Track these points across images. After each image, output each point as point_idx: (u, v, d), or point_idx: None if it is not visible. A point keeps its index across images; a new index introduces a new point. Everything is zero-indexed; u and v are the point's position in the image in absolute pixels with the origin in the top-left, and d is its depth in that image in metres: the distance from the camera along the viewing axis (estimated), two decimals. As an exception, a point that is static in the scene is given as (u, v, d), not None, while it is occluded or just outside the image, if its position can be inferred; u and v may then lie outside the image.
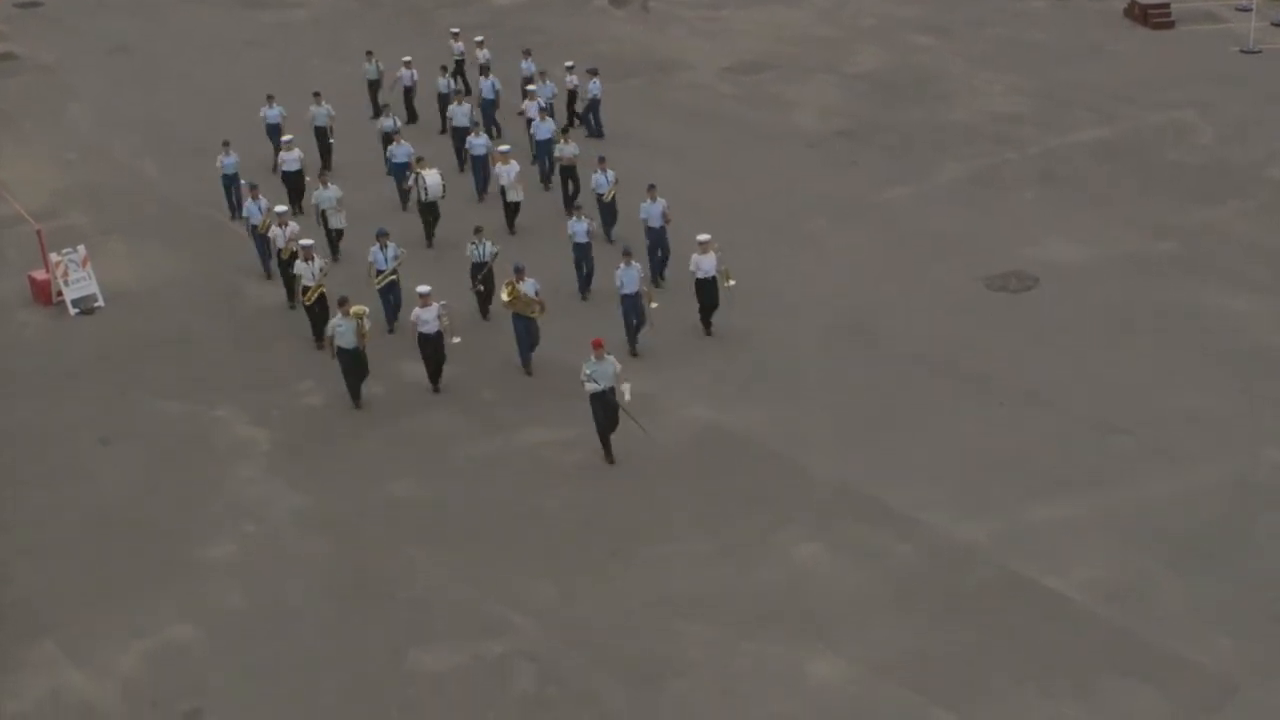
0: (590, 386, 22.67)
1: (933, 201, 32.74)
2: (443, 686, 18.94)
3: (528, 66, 38.28)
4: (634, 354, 26.06)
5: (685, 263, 26.90)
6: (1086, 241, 30.19)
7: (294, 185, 33.29)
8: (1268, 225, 30.45)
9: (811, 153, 36.03)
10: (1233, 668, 18.33)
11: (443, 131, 36.65)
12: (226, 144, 33.15)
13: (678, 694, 18.55)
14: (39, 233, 30.49)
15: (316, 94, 35.92)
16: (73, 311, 29.69)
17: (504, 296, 25.61)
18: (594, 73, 36.93)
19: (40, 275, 30.14)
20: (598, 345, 22.59)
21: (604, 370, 22.59)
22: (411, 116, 38.52)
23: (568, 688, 18.80)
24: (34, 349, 28.47)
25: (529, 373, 26.00)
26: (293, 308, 28.62)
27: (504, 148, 32.18)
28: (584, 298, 28.51)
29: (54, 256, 29.76)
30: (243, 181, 31.62)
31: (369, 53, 39.55)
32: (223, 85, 42.83)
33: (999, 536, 21.09)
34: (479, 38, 40.06)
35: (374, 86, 39.05)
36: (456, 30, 41.13)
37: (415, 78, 38.81)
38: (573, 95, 37.69)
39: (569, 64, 38.12)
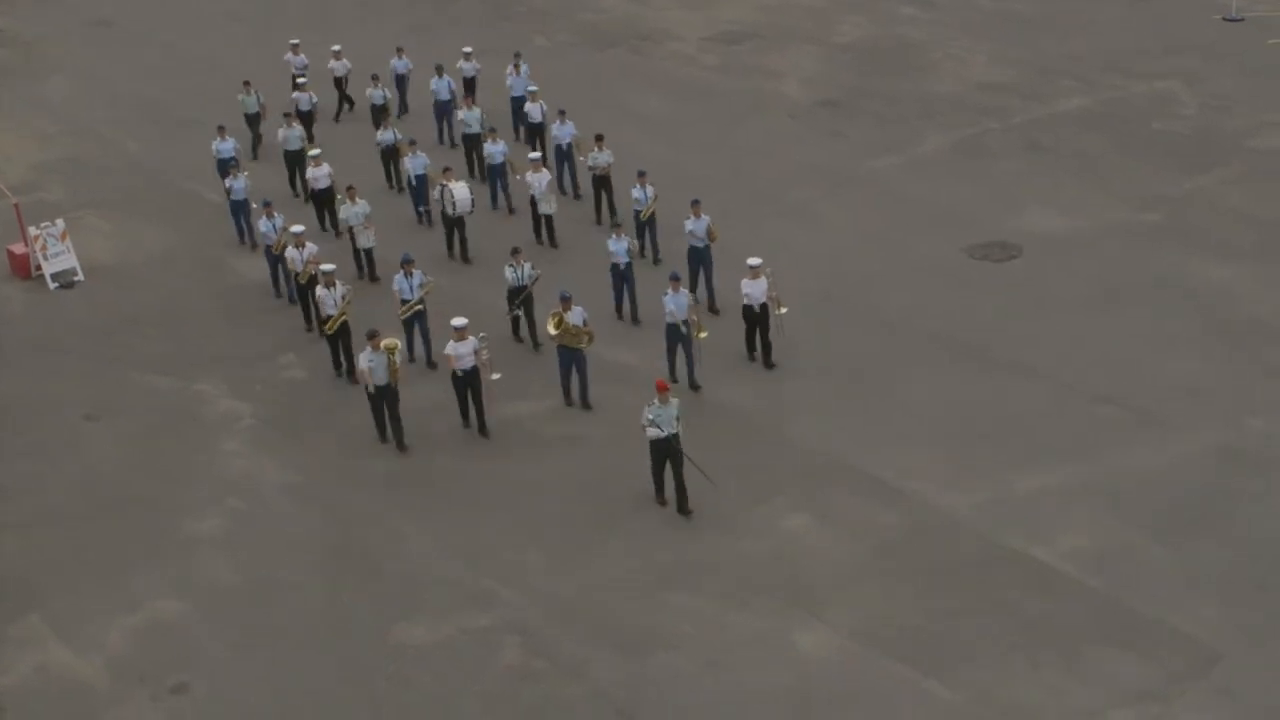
0: (652, 433, 20.68)
1: (917, 171, 32.70)
2: (430, 659, 18.94)
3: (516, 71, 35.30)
4: (695, 388, 24.12)
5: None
6: (1070, 211, 30.19)
7: (324, 204, 30.75)
8: (1252, 194, 30.48)
9: (795, 123, 35.95)
10: (1219, 636, 18.39)
11: (441, 141, 34.80)
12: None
13: (666, 665, 18.57)
14: (16, 206, 30.30)
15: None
16: (52, 286, 29.53)
17: (550, 329, 23.54)
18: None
19: (18, 249, 29.96)
20: (662, 388, 20.66)
21: (668, 415, 20.64)
22: (340, 110, 36.61)
23: (555, 660, 18.80)
24: (13, 323, 28.33)
25: (571, 404, 24.14)
26: (309, 330, 26.96)
27: (534, 155, 29.99)
28: (633, 319, 26.40)
29: (32, 230, 29.59)
30: (253, 204, 29.63)
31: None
32: (205, 58, 42.56)
33: (985, 506, 21.13)
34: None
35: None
36: (469, 50, 36.78)
37: (348, 67, 36.72)
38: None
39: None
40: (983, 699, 17.68)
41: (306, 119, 34.65)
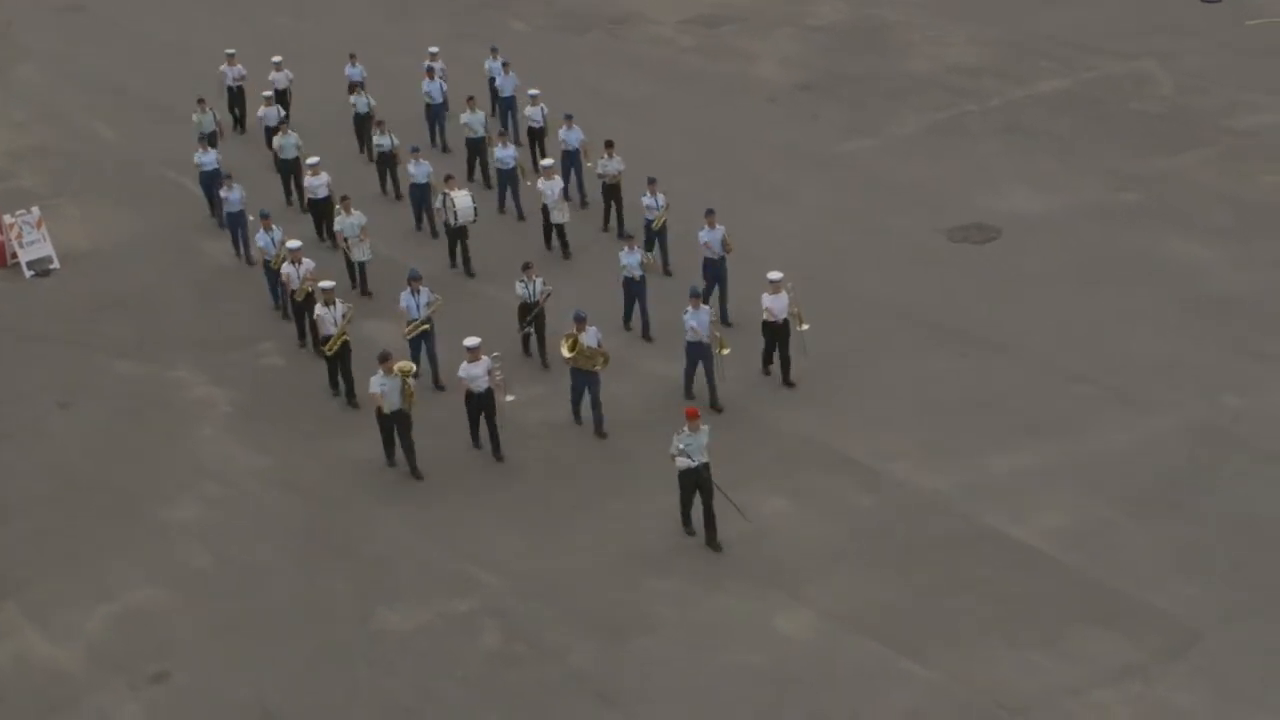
0: (682, 462, 19.69)
1: (894, 153, 32.67)
2: (410, 644, 18.89)
3: (494, 66, 34.28)
4: (718, 409, 23.04)
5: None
6: (1048, 192, 30.20)
7: (321, 213, 29.34)
8: (1229, 174, 30.52)
9: (772, 106, 35.88)
10: (1197, 613, 18.44)
11: (434, 144, 33.31)
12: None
13: (645, 648, 18.55)
14: (-9, 195, 30.16)
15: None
16: (28, 274, 29.36)
17: (564, 351, 22.43)
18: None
19: (-6, 238, 29.80)
20: (693, 416, 19.68)
21: (698, 443, 19.65)
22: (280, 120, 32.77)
23: (535, 644, 18.77)
24: (-10, 312, 28.20)
25: (581, 424, 23.20)
26: (303, 346, 25.88)
27: (547, 162, 28.71)
28: (644, 335, 25.42)
29: (7, 218, 29.43)
30: (250, 216, 28.25)
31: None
32: (177, 44, 42.31)
33: (963, 486, 21.14)
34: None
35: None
36: (435, 50, 34.69)
37: (290, 78, 34.64)
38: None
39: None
40: (962, 678, 17.69)
41: (281, 98, 34.00)
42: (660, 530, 20.64)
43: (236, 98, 35.06)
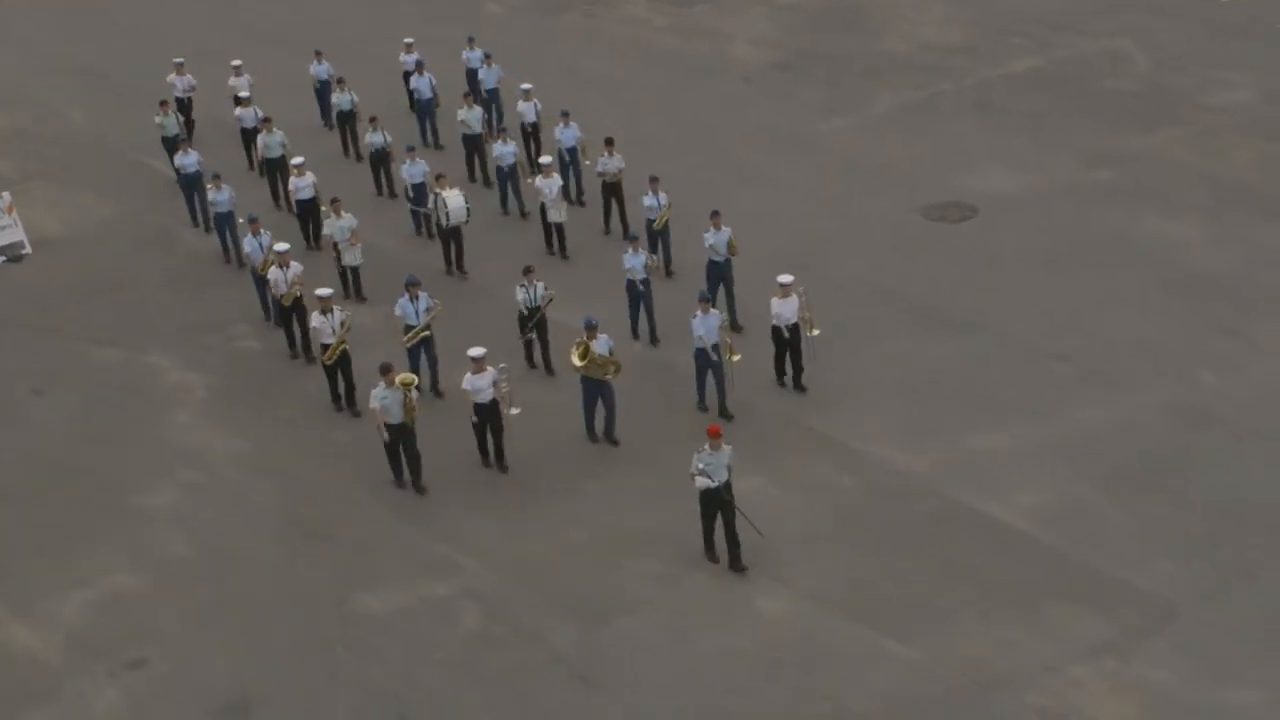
0: (701, 482, 18.82)
1: (869, 133, 32.65)
2: (389, 628, 18.87)
3: (473, 57, 33.42)
4: (728, 416, 22.35)
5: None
6: (1024, 171, 30.22)
7: (308, 216, 28.10)
8: (1204, 152, 30.58)
9: (748, 86, 35.81)
10: (1173, 590, 18.54)
11: (426, 143, 31.93)
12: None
13: (626, 630, 18.57)
14: (-38, 180, 29.93)
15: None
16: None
17: (575, 360, 21.49)
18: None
19: (-34, 224, 29.55)
20: (714, 434, 18.80)
21: (719, 462, 18.85)
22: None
23: (515, 627, 18.77)
24: (-38, 298, 28.01)
25: (596, 440, 22.32)
26: (294, 356, 24.91)
27: (545, 159, 27.67)
28: (651, 339, 24.64)
29: (-21, 203, 29.21)
30: (240, 218, 26.98)
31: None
32: (146, 26, 41.99)
33: (940, 466, 21.19)
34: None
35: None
36: (410, 41, 33.82)
37: (251, 82, 32.55)
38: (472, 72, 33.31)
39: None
40: (941, 657, 17.76)
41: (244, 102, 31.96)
42: (639, 512, 20.64)
43: (186, 109, 32.91)
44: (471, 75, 33.26)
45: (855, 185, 30.06)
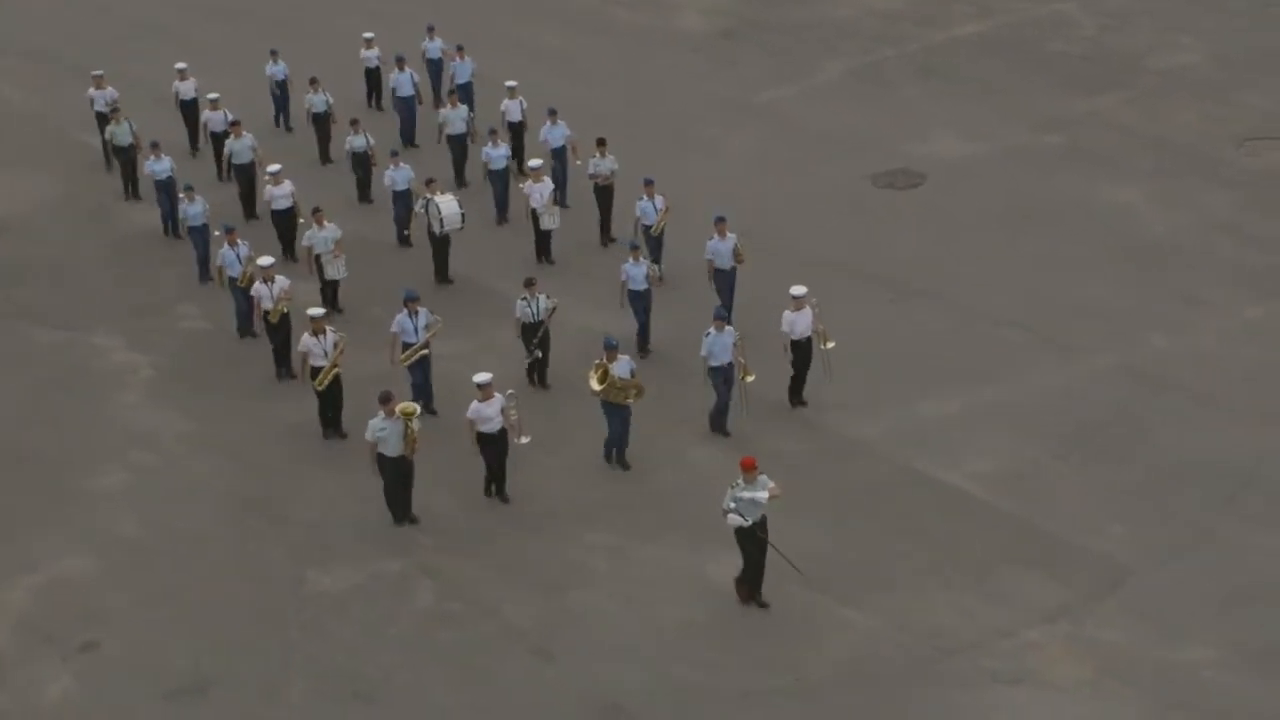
0: (733, 520, 17.56)
1: (817, 100, 32.62)
2: (344, 606, 18.74)
3: (433, 47, 32.41)
4: (725, 433, 21.48)
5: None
6: (972, 136, 30.28)
7: (286, 227, 26.53)
8: (1151, 114, 30.74)
9: (695, 55, 35.67)
10: (1125, 553, 18.66)
11: (412, 144, 30.46)
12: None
13: (580, 602, 18.52)
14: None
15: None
16: (-60, 241, 28.77)
17: (594, 384, 20.20)
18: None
19: (-97, 204, 28.98)
20: (749, 466, 17.46)
21: (757, 497, 17.55)
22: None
23: (470, 602, 18.68)
24: (-99, 280, 27.55)
25: (620, 465, 21.14)
26: (281, 377, 23.42)
27: (535, 162, 26.13)
28: (643, 354, 23.17)
29: (-83, 185, 28.69)
30: (215, 231, 25.43)
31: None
32: (95, 2, 41.31)
33: (893, 433, 21.24)
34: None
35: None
36: (370, 36, 32.46)
37: (197, 88, 30.74)
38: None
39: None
40: (899, 623, 17.80)
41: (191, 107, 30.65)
42: (591, 484, 20.58)
43: (106, 123, 30.18)
44: (433, 66, 32.19)
45: (803, 153, 30.04)
